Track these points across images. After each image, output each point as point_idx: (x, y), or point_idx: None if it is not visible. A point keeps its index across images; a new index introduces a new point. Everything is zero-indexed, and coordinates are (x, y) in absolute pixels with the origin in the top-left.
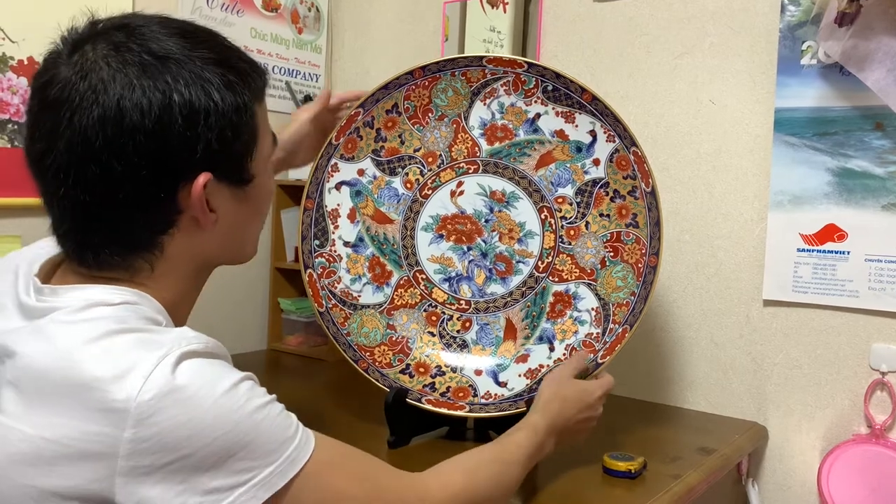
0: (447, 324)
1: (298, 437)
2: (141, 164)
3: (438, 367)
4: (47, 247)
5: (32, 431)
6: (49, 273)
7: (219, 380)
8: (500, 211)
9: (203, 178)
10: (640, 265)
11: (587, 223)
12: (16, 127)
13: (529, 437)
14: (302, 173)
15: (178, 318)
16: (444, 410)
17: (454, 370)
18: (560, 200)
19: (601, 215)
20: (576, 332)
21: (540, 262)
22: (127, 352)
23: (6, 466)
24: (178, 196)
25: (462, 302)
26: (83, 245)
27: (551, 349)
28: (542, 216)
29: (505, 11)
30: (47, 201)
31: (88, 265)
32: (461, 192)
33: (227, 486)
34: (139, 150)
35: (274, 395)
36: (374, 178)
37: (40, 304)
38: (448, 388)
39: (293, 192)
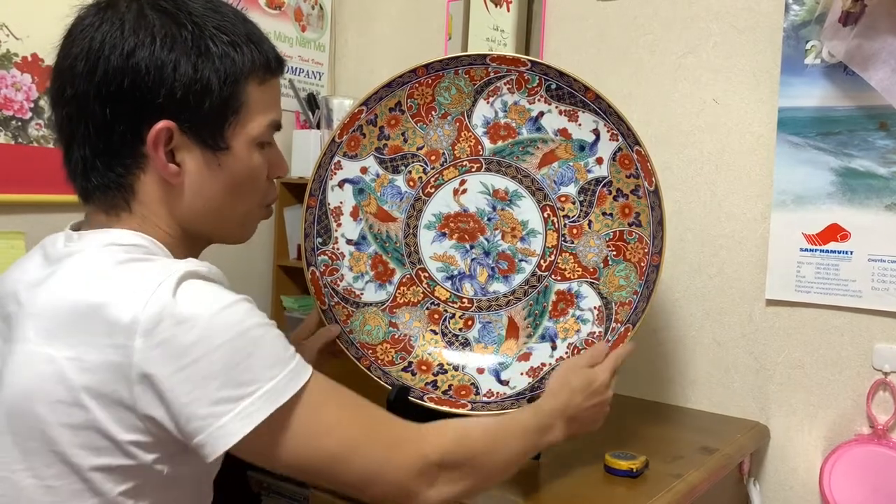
0: (449, 322)
1: (296, 360)
2: (108, 97)
3: (440, 365)
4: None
5: (55, 352)
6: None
7: (221, 296)
8: (502, 209)
9: (163, 123)
10: (642, 264)
11: (590, 222)
12: (20, 124)
13: (532, 416)
14: (305, 171)
15: None
16: (446, 408)
17: (456, 368)
18: (563, 199)
19: (604, 214)
20: (578, 331)
21: (542, 261)
22: (133, 276)
23: (35, 386)
24: (143, 138)
25: (464, 300)
26: (73, 170)
27: (553, 348)
28: (545, 215)
29: (508, 10)
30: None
31: (81, 194)
32: (464, 191)
33: (233, 398)
34: (107, 82)
35: (274, 322)
36: (377, 175)
37: (66, 248)
38: (450, 386)
39: (296, 190)
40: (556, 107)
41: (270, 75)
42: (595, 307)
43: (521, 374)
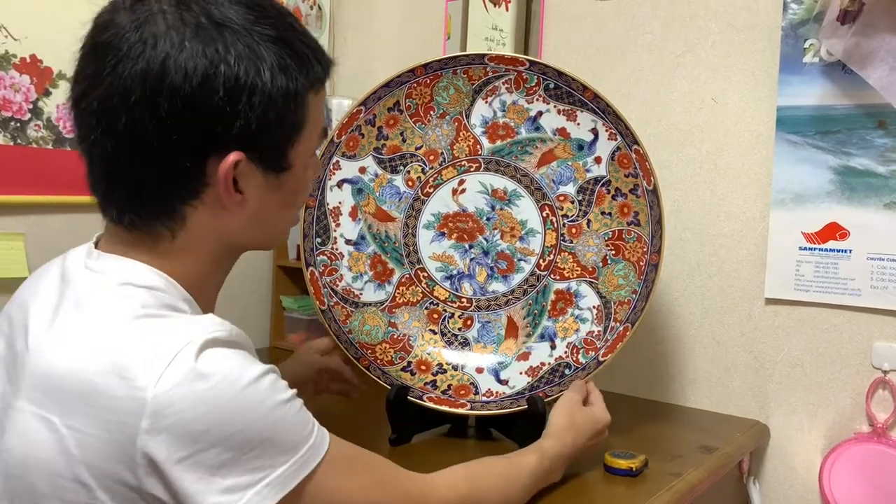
0: (449, 322)
1: (314, 436)
2: (173, 128)
3: (440, 364)
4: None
5: (56, 419)
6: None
7: (241, 372)
8: (501, 209)
9: (234, 156)
10: (641, 263)
11: (589, 221)
12: (18, 125)
13: (539, 461)
14: None
15: (204, 303)
16: (445, 408)
17: (455, 368)
18: (562, 198)
19: (603, 213)
20: (577, 330)
21: (541, 261)
22: (147, 339)
23: (34, 454)
24: (206, 169)
25: (463, 300)
26: (109, 198)
27: (553, 347)
28: (544, 214)
29: (507, 10)
30: (82, 147)
31: (114, 221)
32: (463, 191)
33: (241, 486)
34: (174, 112)
35: (294, 391)
36: (376, 175)
37: (85, 268)
38: (449, 385)
39: None
40: (555, 106)
41: (321, 84)
42: (594, 306)
43: (521, 373)
